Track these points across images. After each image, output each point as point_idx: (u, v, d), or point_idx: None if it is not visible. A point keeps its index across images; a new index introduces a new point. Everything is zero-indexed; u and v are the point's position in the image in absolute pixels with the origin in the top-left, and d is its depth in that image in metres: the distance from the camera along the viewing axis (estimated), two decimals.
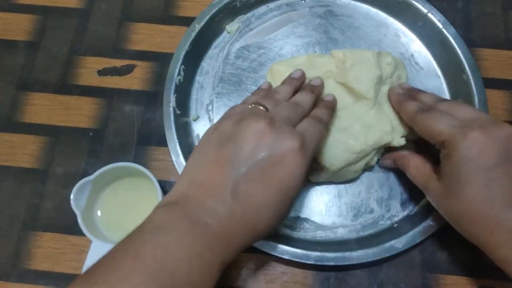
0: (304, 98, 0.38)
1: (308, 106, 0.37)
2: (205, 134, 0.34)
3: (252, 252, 0.43)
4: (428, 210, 0.42)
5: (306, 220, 0.45)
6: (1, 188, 0.46)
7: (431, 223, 0.41)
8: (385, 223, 0.44)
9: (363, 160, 0.43)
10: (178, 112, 0.47)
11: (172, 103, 0.46)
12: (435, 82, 0.50)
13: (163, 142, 0.46)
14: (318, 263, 0.40)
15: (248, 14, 0.53)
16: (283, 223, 0.44)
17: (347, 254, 0.41)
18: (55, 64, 0.51)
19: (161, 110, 0.46)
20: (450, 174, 0.35)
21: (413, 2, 0.50)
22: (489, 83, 0.49)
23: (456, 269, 0.43)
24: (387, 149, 0.44)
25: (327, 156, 0.41)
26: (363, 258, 0.41)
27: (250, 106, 0.35)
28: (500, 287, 0.42)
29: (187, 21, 0.50)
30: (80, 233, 0.40)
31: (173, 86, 0.47)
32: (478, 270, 0.43)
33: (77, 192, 0.40)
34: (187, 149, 0.46)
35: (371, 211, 0.45)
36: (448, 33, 0.48)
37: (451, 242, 0.43)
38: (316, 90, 0.40)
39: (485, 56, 0.51)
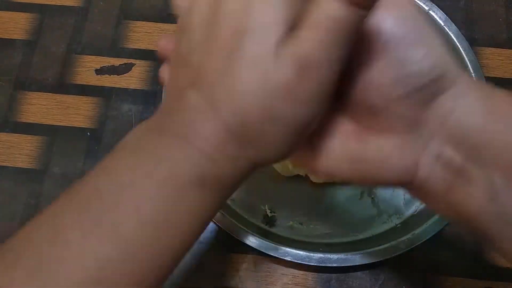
0: None
1: None
2: None
3: (252, 254, 0.43)
4: (431, 210, 0.42)
5: (308, 221, 0.44)
6: None
7: (434, 223, 0.41)
8: (388, 224, 0.44)
9: None
10: None
11: None
12: None
13: None
14: (321, 264, 0.40)
15: None
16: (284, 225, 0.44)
17: (350, 255, 0.40)
18: (53, 63, 0.51)
19: None
20: None
21: None
22: (492, 82, 0.48)
23: (459, 270, 0.42)
24: None
25: None
26: (366, 259, 0.40)
27: None
28: None
29: None
30: None
31: None
32: (481, 272, 0.42)
33: None
34: None
35: (374, 212, 0.44)
36: (449, 30, 0.48)
37: (454, 243, 0.43)
38: None
39: (487, 55, 0.51)
